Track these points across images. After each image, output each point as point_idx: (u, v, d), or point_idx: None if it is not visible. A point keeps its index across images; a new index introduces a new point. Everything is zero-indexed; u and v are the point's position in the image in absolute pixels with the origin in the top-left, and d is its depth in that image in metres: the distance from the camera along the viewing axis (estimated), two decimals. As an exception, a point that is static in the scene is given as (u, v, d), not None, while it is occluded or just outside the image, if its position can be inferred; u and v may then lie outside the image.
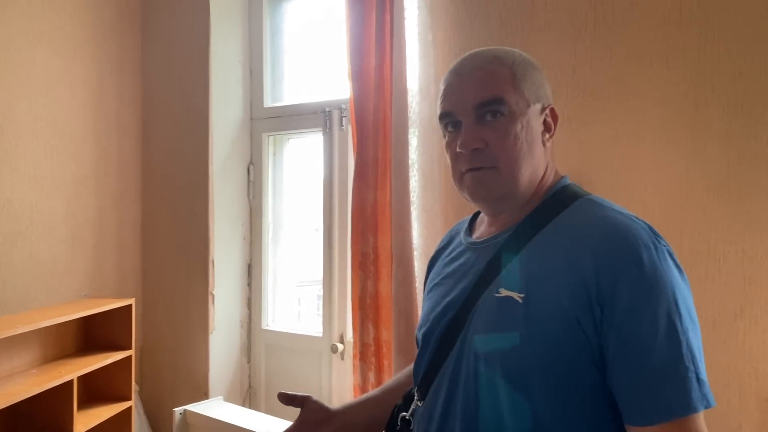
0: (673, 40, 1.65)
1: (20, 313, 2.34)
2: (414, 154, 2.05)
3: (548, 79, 1.04)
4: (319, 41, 2.78)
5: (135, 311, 2.54)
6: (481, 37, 1.97)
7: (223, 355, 2.79)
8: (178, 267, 2.86)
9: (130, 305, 2.51)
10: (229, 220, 2.82)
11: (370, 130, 2.17)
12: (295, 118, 2.74)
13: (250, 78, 2.90)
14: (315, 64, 2.81)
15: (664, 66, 1.66)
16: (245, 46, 2.88)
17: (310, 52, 2.83)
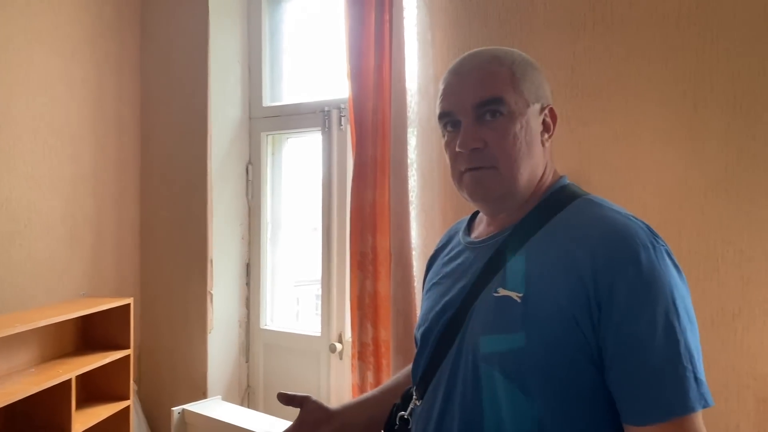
0: (671, 40, 1.65)
1: (18, 312, 2.34)
2: (413, 154, 2.05)
3: (547, 79, 1.04)
4: (318, 40, 2.78)
5: (133, 311, 2.54)
6: (480, 37, 1.97)
7: (222, 354, 2.79)
8: (177, 266, 2.85)
9: (129, 304, 2.51)
10: (228, 220, 2.82)
11: (369, 130, 2.17)
12: (294, 118, 2.74)
13: (249, 77, 2.90)
14: (314, 63, 2.81)
15: (663, 66, 1.66)
16: (244, 46, 2.88)
17: (309, 52, 2.83)
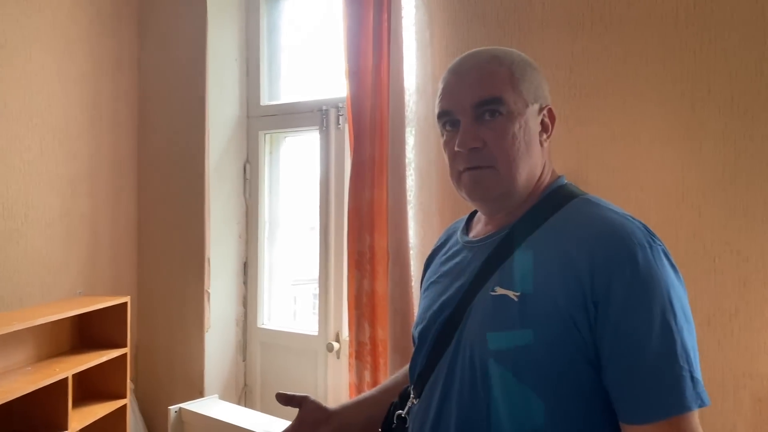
0: (669, 41, 1.65)
1: (15, 311, 2.34)
2: (411, 153, 2.05)
3: (545, 79, 1.04)
4: (317, 39, 2.78)
5: (130, 309, 2.53)
6: (479, 37, 1.97)
7: (219, 353, 2.78)
8: (174, 265, 2.85)
9: (126, 303, 2.50)
10: (225, 219, 2.82)
11: (367, 129, 2.17)
12: (292, 117, 2.74)
13: (247, 76, 2.89)
14: (312, 62, 2.80)
15: (661, 66, 1.66)
16: (242, 44, 2.88)
17: (307, 50, 2.83)
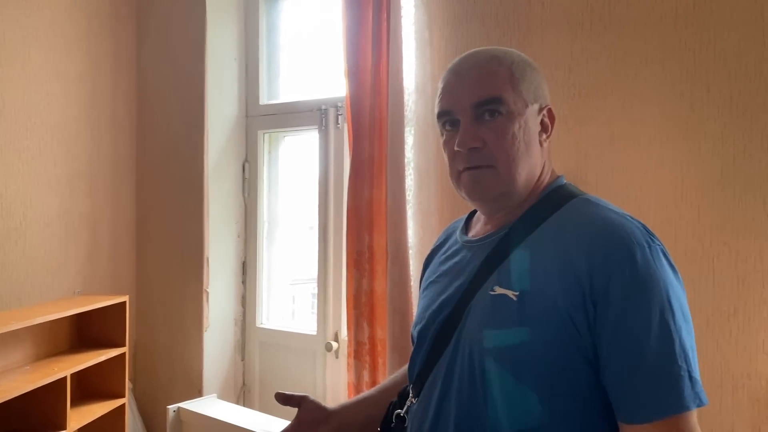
0: (669, 41, 1.65)
1: (14, 310, 2.34)
2: (410, 153, 2.05)
3: (545, 79, 1.04)
4: (316, 39, 2.77)
5: (129, 308, 2.53)
6: (478, 36, 1.97)
7: (217, 352, 2.78)
8: (173, 264, 2.85)
9: (124, 302, 2.50)
10: (224, 218, 2.82)
11: (366, 129, 2.17)
12: (291, 116, 2.74)
13: (246, 75, 2.89)
14: (311, 61, 2.80)
15: (660, 66, 1.66)
16: (241, 43, 2.88)
17: (306, 50, 2.83)
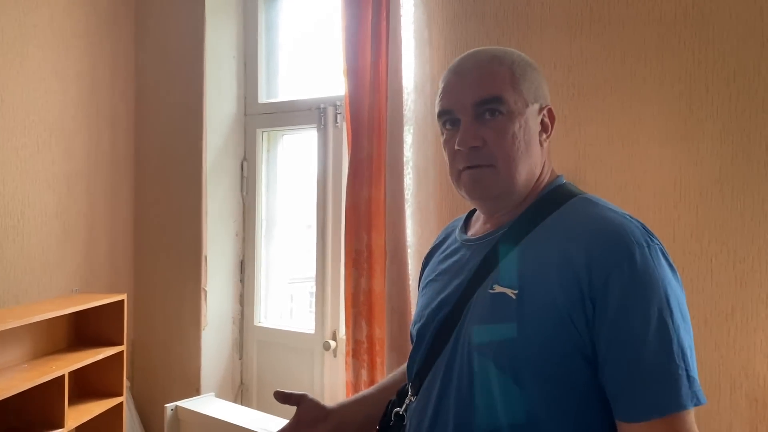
0: (668, 41, 1.65)
1: (11, 308, 2.33)
2: (409, 152, 2.05)
3: (545, 78, 1.04)
4: (315, 37, 2.77)
5: (127, 307, 2.52)
6: (477, 36, 1.97)
7: (215, 351, 2.78)
8: (171, 263, 2.85)
9: (122, 301, 2.50)
10: (222, 216, 2.81)
11: (364, 127, 2.17)
12: (290, 114, 2.73)
13: (245, 73, 2.89)
14: (310, 60, 2.80)
15: (659, 66, 1.66)
16: (240, 41, 2.87)
17: (305, 48, 2.83)
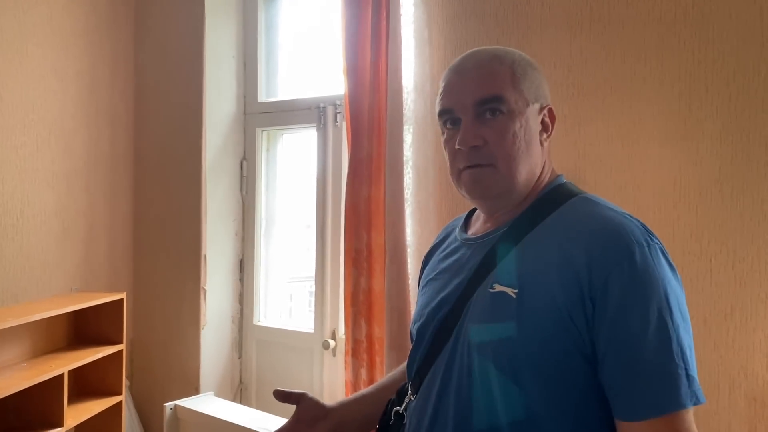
0: (668, 41, 1.65)
1: (10, 307, 2.33)
2: (408, 151, 2.05)
3: (545, 78, 1.05)
4: (315, 37, 2.77)
5: (126, 306, 2.53)
6: (477, 35, 1.97)
7: (215, 350, 2.78)
8: (170, 262, 2.84)
9: (122, 299, 2.50)
10: (222, 216, 2.81)
11: (364, 127, 2.17)
12: (290, 114, 2.73)
13: (245, 72, 2.88)
14: (310, 59, 2.80)
15: (659, 66, 1.66)
16: (240, 40, 2.87)
17: (305, 48, 2.83)
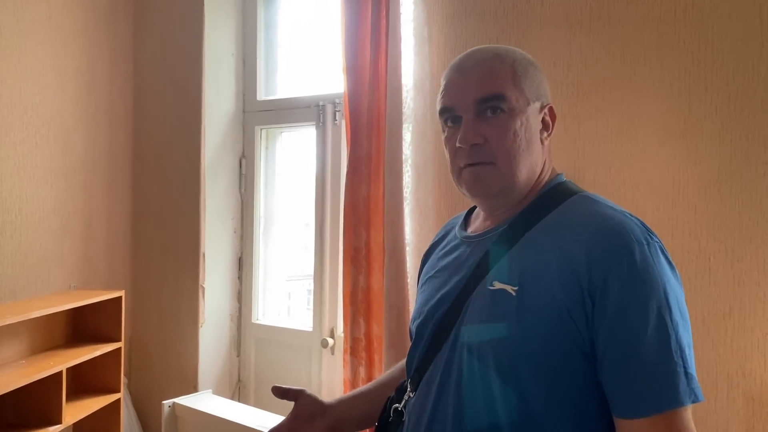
0: (667, 40, 1.65)
1: (8, 304, 2.33)
2: (407, 150, 2.05)
3: (546, 77, 1.05)
4: (314, 35, 2.77)
5: (125, 303, 2.53)
6: (477, 34, 1.97)
7: (213, 348, 2.78)
8: (169, 259, 2.84)
9: (120, 297, 2.50)
10: (220, 213, 2.81)
11: (363, 125, 2.17)
12: (289, 112, 2.73)
13: (244, 70, 2.88)
14: (309, 57, 2.80)
15: (659, 65, 1.67)
16: (239, 38, 2.87)
17: (304, 46, 2.82)
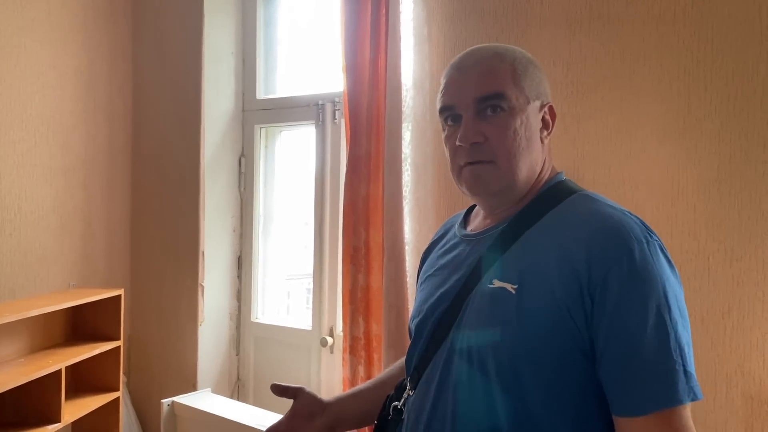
0: (667, 39, 1.66)
1: (8, 302, 2.33)
2: (407, 149, 2.05)
3: (546, 76, 1.05)
4: (314, 34, 2.77)
5: (124, 302, 2.53)
6: (476, 33, 1.97)
7: (212, 347, 2.78)
8: (168, 258, 2.84)
9: (119, 296, 2.50)
10: (220, 212, 2.81)
11: (363, 124, 2.17)
12: (288, 111, 2.73)
13: (243, 69, 2.88)
14: (309, 56, 2.80)
15: (658, 64, 1.67)
16: (238, 37, 2.87)
17: (304, 45, 2.82)
